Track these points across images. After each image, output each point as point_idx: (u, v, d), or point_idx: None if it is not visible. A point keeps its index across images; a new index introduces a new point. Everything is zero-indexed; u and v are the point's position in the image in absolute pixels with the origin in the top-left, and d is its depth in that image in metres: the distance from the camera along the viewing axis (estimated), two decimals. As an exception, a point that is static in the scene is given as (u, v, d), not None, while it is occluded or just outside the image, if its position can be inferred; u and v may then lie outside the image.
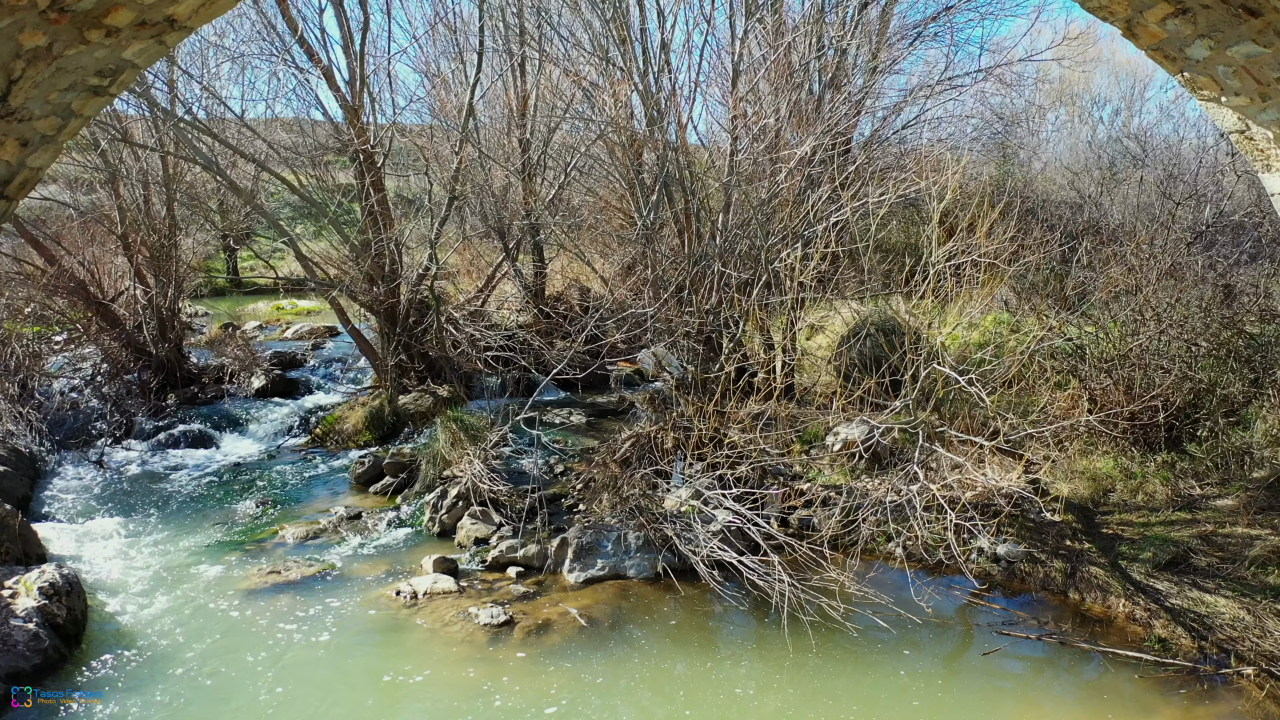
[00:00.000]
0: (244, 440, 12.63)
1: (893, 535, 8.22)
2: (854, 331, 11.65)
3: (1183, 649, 6.46)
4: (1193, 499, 8.30)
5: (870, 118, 15.57)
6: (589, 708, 5.91)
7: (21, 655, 6.04)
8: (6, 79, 3.68)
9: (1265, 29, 4.08)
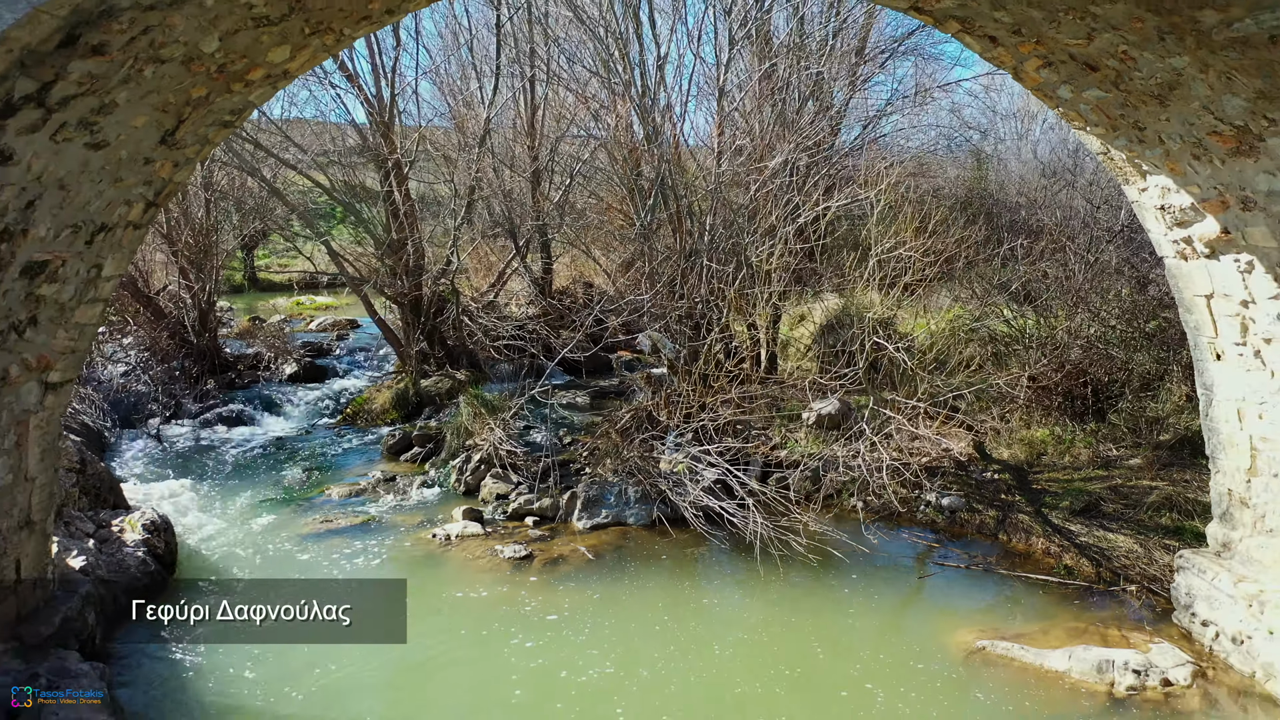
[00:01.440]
0: (282, 419, 14.03)
1: (855, 492, 9.62)
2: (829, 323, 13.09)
3: (1084, 573, 7.86)
4: (1109, 459, 9.72)
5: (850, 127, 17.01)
6: (591, 616, 7.29)
7: (135, 576, 7.43)
8: (176, 119, 5.09)
9: (1104, 80, 5.49)
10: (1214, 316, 6.25)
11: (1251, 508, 6.37)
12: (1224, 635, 6.33)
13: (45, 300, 5.16)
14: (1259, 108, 4.71)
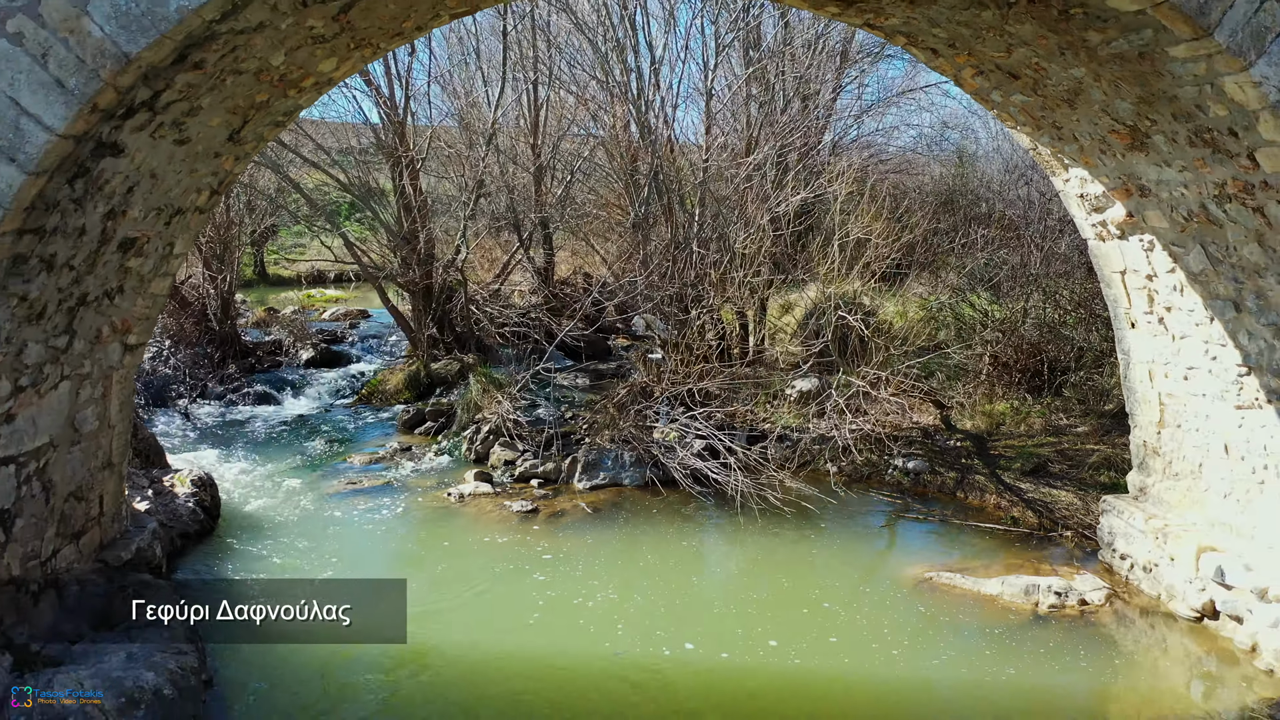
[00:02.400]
0: (302, 399, 15.00)
1: (829, 458, 10.59)
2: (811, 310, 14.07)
3: (1028, 523, 8.85)
4: (1060, 428, 10.71)
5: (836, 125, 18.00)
6: (592, 556, 8.27)
7: (187, 523, 8.41)
8: (242, 120, 6.08)
9: (1025, 86, 6.48)
10: (1127, 290, 7.24)
11: (1161, 456, 7.36)
12: (1137, 565, 7.33)
13: (131, 272, 6.14)
14: (1142, 110, 5.70)
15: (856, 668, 6.26)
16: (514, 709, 5.78)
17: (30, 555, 5.73)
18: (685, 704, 5.90)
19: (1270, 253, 5.54)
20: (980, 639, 6.59)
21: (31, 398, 5.49)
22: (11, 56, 4.22)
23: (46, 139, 4.30)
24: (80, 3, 4.21)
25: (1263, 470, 6.28)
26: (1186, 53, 4.93)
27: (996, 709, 5.79)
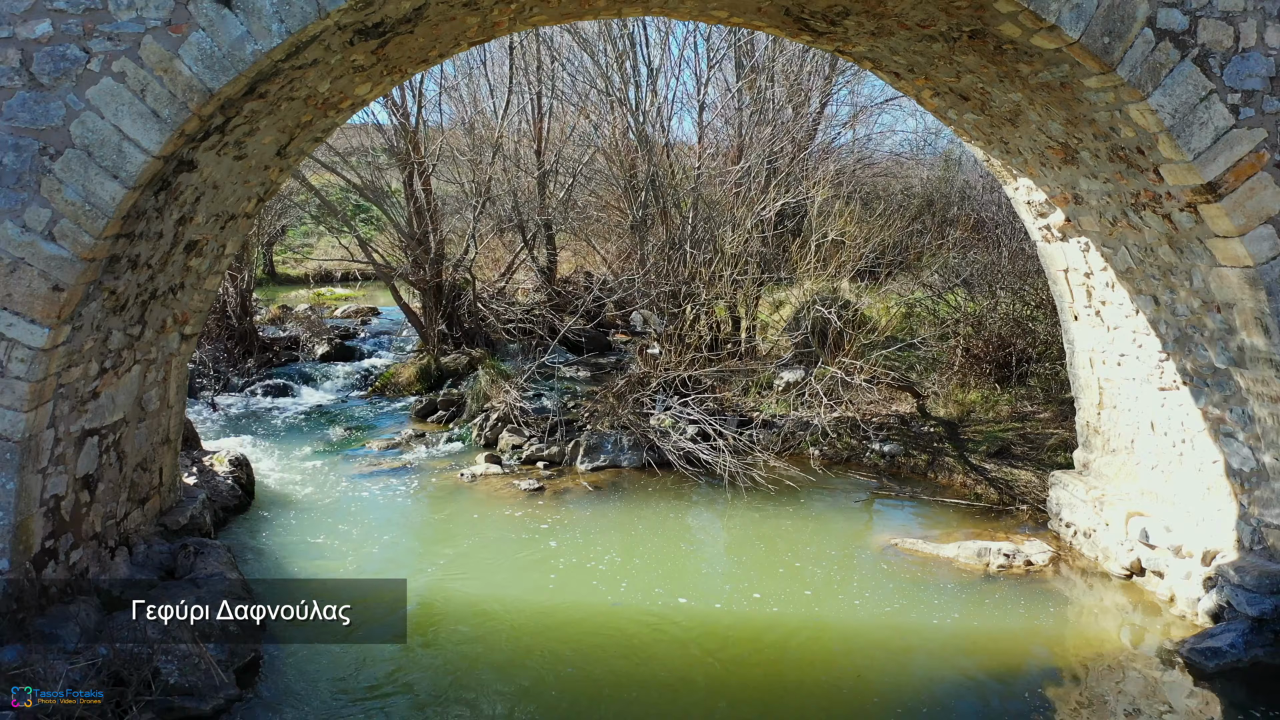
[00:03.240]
0: (319, 391, 15.88)
1: (812, 442, 11.48)
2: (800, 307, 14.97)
3: (990, 498, 9.73)
4: (1025, 414, 11.61)
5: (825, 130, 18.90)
6: (595, 527, 9.16)
7: (226, 499, 9.29)
8: (289, 138, 6.98)
9: (974, 106, 7.37)
10: (1070, 286, 8.14)
11: (1101, 434, 8.26)
12: (1078, 531, 8.22)
13: (192, 270, 7.04)
14: (1070, 130, 6.59)
15: (826, 614, 7.16)
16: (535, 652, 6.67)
17: (108, 515, 6.63)
18: (680, 644, 6.78)
19: (1179, 253, 6.44)
20: (934, 592, 7.48)
21: (111, 379, 6.39)
22: (116, 92, 5.11)
23: (143, 159, 5.18)
24: (173, 46, 5.10)
25: (1181, 444, 7.17)
26: (1098, 84, 5.83)
27: (943, 646, 6.69)
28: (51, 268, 5.20)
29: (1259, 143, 5.72)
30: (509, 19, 7.11)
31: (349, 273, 26.24)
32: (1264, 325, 5.95)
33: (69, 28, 5.06)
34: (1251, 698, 5.86)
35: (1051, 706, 6.05)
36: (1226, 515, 6.67)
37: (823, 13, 6.82)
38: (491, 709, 5.93)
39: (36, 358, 5.28)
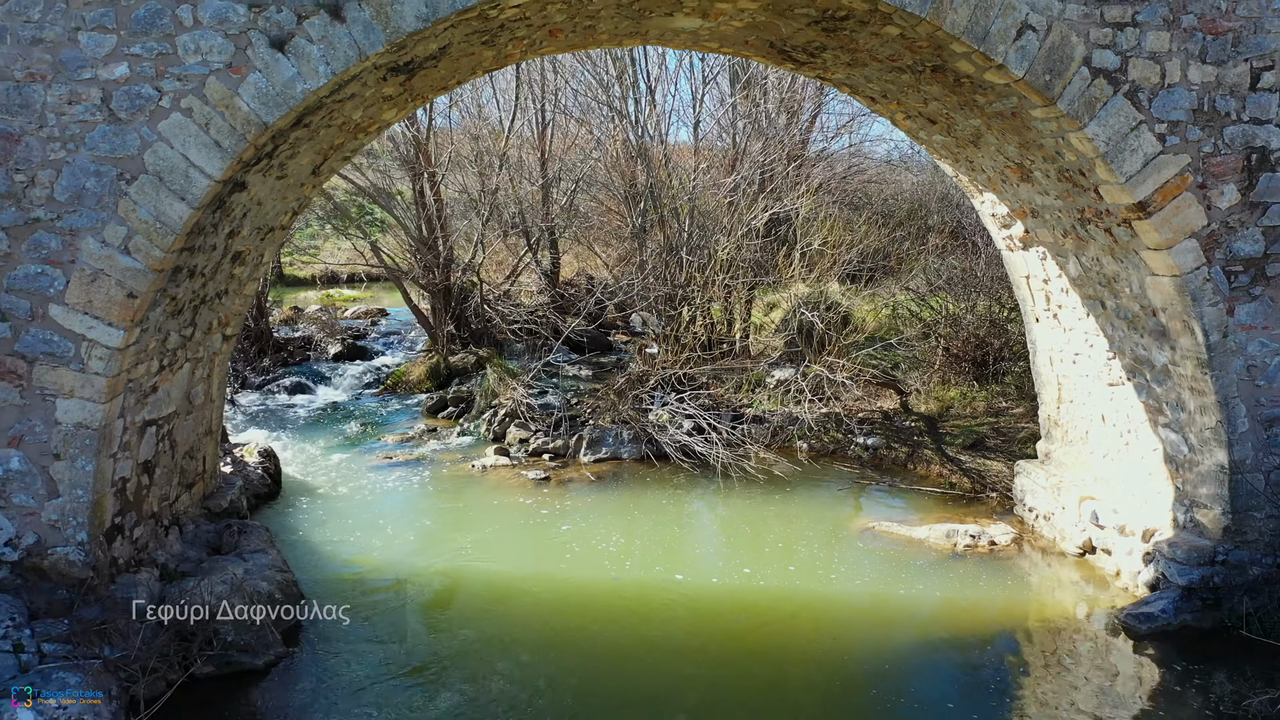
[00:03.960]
0: (333, 389, 16.64)
1: (800, 435, 12.25)
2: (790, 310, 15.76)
3: (963, 487, 10.51)
4: (1000, 410, 12.38)
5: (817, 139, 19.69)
6: (599, 513, 9.93)
7: (257, 487, 10.06)
8: (323, 158, 7.75)
9: (941, 129, 8.15)
10: (1031, 291, 8.91)
11: (1060, 426, 9.03)
12: (1039, 515, 9.00)
13: (235, 277, 7.81)
14: (1023, 152, 7.37)
15: (807, 585, 7.95)
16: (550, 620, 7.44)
17: (163, 498, 7.40)
18: (678, 613, 7.57)
19: (1119, 263, 7.21)
20: (904, 567, 8.26)
21: (167, 375, 7.16)
22: (184, 125, 5.88)
23: (207, 183, 5.96)
24: (233, 86, 5.87)
25: (1127, 434, 7.95)
26: (1042, 114, 6.61)
27: (911, 614, 7.47)
28: (126, 277, 5.98)
29: (1183, 167, 6.50)
30: (520, 51, 7.89)
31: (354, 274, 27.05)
32: (1191, 327, 6.72)
33: (143, 70, 5.83)
34: (1179, 656, 6.63)
35: (1006, 665, 6.82)
36: (1164, 497, 7.45)
37: (803, 47, 7.60)
38: (513, 668, 6.69)
39: (112, 356, 6.06)
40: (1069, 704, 6.23)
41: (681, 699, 6.31)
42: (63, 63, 5.80)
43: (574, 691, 6.38)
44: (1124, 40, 6.37)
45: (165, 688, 5.82)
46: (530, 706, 6.14)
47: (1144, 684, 6.46)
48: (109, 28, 5.79)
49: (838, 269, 12.57)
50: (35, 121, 5.83)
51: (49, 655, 5.62)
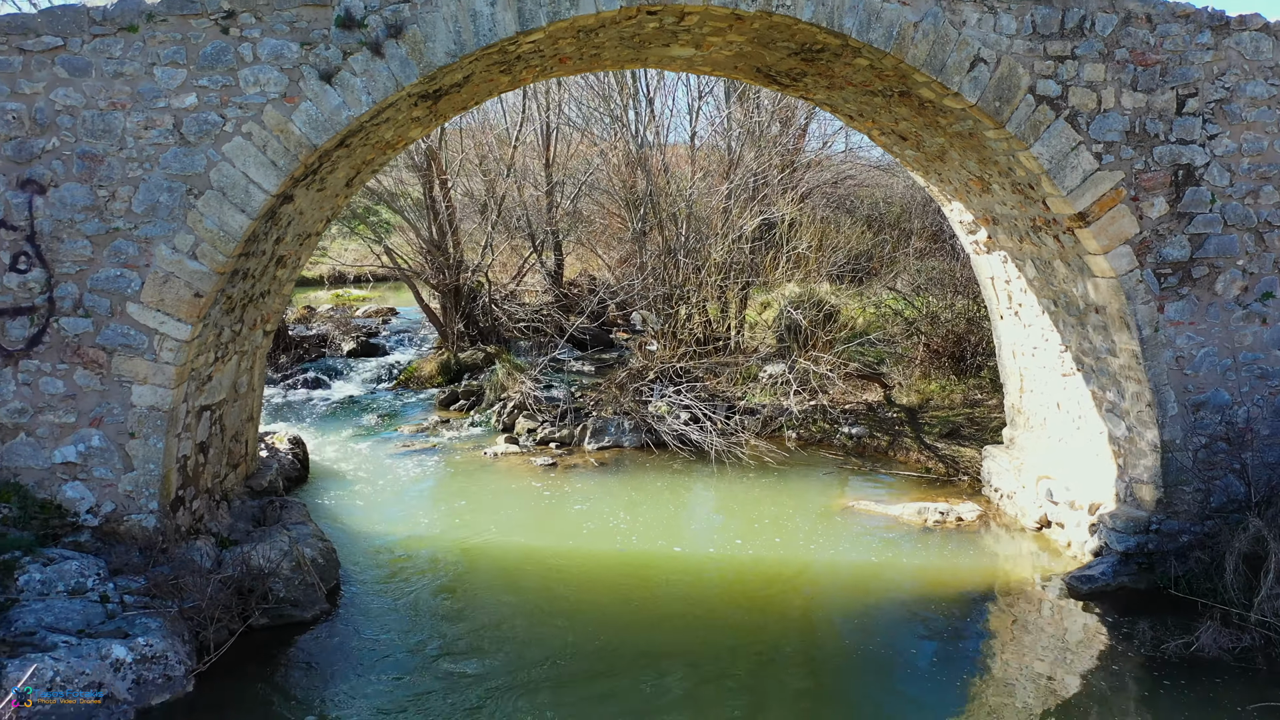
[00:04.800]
0: (349, 384, 17.53)
1: (789, 425, 13.15)
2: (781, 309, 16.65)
3: (938, 471, 11.40)
4: (975, 401, 13.28)
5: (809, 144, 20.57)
6: (601, 495, 10.82)
7: (288, 471, 10.94)
8: (356, 173, 8.64)
9: (912, 145, 9.03)
10: (996, 291, 9.81)
11: (1023, 413, 9.93)
12: (1004, 494, 9.90)
13: (277, 279, 8.70)
14: (982, 168, 8.26)
15: (791, 554, 8.85)
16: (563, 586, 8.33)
17: (215, 475, 8.30)
18: (676, 578, 8.46)
19: (1067, 265, 8.11)
20: (878, 540, 9.17)
21: (220, 366, 8.05)
22: (244, 147, 6.77)
23: (263, 197, 6.85)
24: (287, 113, 6.76)
25: (1078, 420, 8.84)
26: (995, 135, 7.50)
27: (883, 579, 8.36)
28: (194, 279, 6.87)
29: (1118, 182, 7.39)
30: (533, 75, 8.79)
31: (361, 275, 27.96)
32: (1127, 323, 7.61)
33: (209, 99, 6.73)
34: (1113, 611, 7.52)
35: (964, 621, 7.71)
36: (1108, 475, 8.34)
37: (786, 72, 8.50)
38: (527, 628, 7.57)
39: (180, 347, 6.95)
40: (1017, 651, 7.13)
41: (682, 651, 7.17)
42: (140, 93, 6.69)
43: (584, 649, 7.24)
44: (1064, 71, 7.26)
45: (228, 635, 6.71)
46: (544, 662, 7.01)
47: (1080, 634, 7.34)
48: (180, 63, 6.68)
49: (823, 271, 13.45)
50: (116, 144, 6.72)
51: (130, 605, 6.51)
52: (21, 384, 6.89)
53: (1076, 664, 6.91)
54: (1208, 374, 7.66)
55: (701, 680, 6.79)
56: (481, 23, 6.75)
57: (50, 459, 6.94)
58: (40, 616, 6.10)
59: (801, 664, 7.16)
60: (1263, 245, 7.62)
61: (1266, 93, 7.47)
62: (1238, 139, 7.49)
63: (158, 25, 6.64)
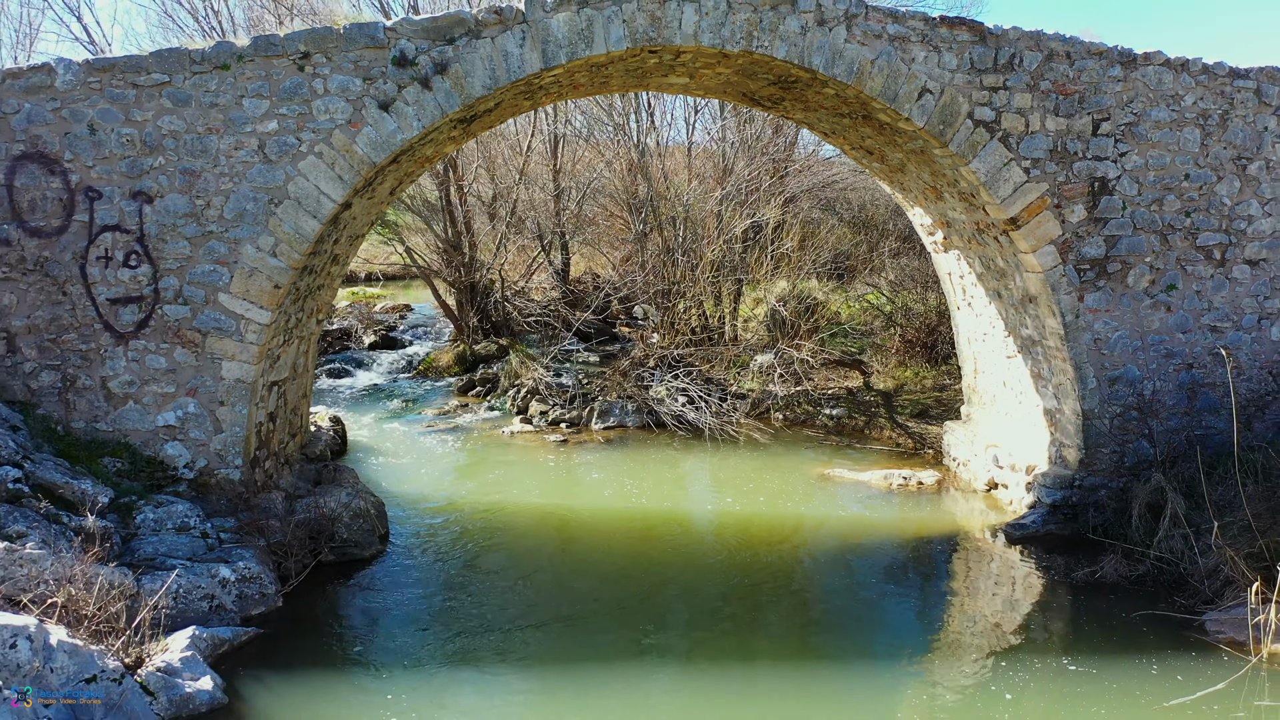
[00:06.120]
0: (372, 374, 18.96)
1: (774, 408, 14.58)
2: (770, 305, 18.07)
3: (907, 446, 12.84)
4: (945, 385, 14.71)
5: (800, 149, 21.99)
6: (608, 467, 12.26)
7: (331, 445, 12.37)
8: (399, 183, 10.05)
9: (878, 158, 10.47)
10: (953, 285, 11.23)
11: (977, 392, 11.36)
12: (960, 463, 11.33)
13: (331, 274, 10.12)
14: (934, 179, 9.69)
15: (775, 511, 10.30)
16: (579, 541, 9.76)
17: (280, 442, 9.73)
18: (676, 532, 9.89)
19: (1006, 263, 9.53)
20: (848, 499, 10.60)
21: (285, 348, 9.47)
22: (316, 165, 8.19)
23: (331, 205, 8.27)
24: (352, 136, 8.18)
25: (1020, 395, 10.27)
26: (941, 153, 8.93)
27: (850, 529, 9.79)
28: (274, 273, 8.29)
29: (1043, 192, 8.81)
30: (550, 99, 10.22)
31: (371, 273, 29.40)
32: (1053, 310, 9.04)
33: (288, 125, 8.15)
34: (1038, 552, 8.94)
35: (920, 562, 9.13)
36: (1042, 441, 9.77)
37: (767, 97, 9.93)
38: (547, 575, 8.98)
39: (262, 330, 8.37)
40: (962, 581, 8.57)
41: (681, 588, 8.61)
42: (231, 120, 8.12)
43: (595, 583, 8.65)
44: (998, 99, 8.69)
45: (303, 567, 8.13)
46: (561, 591, 8.43)
47: (1012, 569, 8.76)
48: (264, 95, 8.10)
49: (806, 269, 14.91)
50: (211, 162, 8.15)
51: (225, 541, 7.94)
52: (131, 360, 8.31)
53: (1007, 590, 8.35)
54: (1121, 353, 9.09)
55: (698, 610, 8.23)
56: (512, 61, 8.18)
57: (154, 422, 8.36)
58: (156, 547, 7.51)
59: (783, 597, 8.58)
60: (1167, 245, 9.04)
61: (1168, 117, 8.90)
62: (1144, 156, 8.92)
63: (246, 64, 8.06)
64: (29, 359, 8.27)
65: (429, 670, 6.79)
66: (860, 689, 6.57)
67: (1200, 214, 9.07)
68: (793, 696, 6.44)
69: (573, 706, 6.38)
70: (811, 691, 6.54)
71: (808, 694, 6.49)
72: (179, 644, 6.21)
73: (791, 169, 20.23)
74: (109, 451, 8.23)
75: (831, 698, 6.47)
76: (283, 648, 6.99)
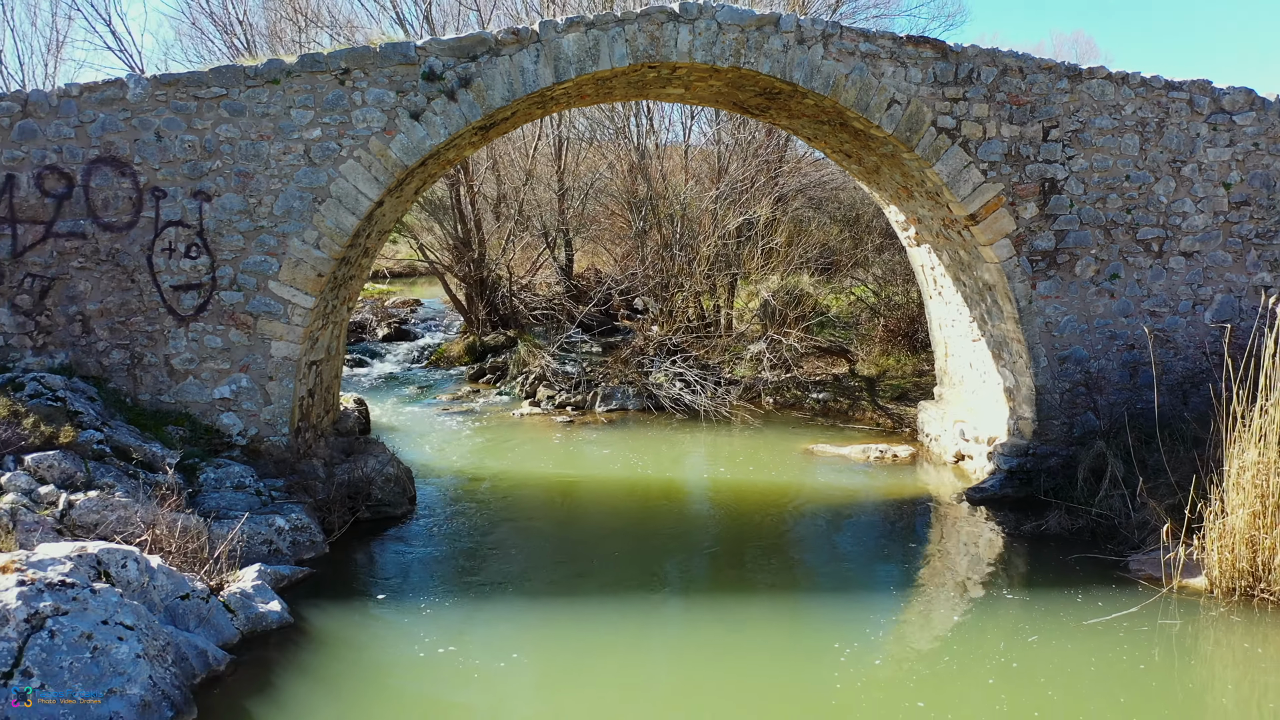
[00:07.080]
0: (386, 364, 20.06)
1: (765, 392, 15.68)
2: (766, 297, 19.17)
3: (886, 426, 13.95)
4: (923, 371, 15.81)
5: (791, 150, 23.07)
6: (612, 444, 13.35)
7: (357, 423, 13.47)
8: (423, 183, 11.17)
9: (856, 161, 11.58)
10: (925, 277, 12.33)
11: (948, 374, 12.46)
12: (932, 438, 12.43)
13: (362, 266, 11.21)
14: (905, 180, 10.78)
15: (762, 480, 11.41)
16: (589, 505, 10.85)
17: (318, 416, 10.82)
18: (675, 496, 10.99)
19: (969, 254, 10.63)
20: (829, 471, 11.71)
21: (323, 331, 10.57)
22: (355, 168, 9.28)
23: (368, 203, 9.36)
24: (386, 142, 9.27)
25: (984, 375, 11.36)
26: (909, 157, 10.03)
27: (830, 494, 10.89)
28: (317, 263, 9.39)
29: (999, 191, 9.90)
30: (559, 108, 11.31)
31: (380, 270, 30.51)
32: (1010, 297, 10.13)
33: (330, 132, 9.24)
34: (994, 512, 10.03)
35: (892, 522, 10.23)
36: (1002, 415, 10.87)
37: (755, 105, 11.02)
38: (560, 523, 10.09)
39: (306, 314, 9.47)
40: (929, 537, 9.67)
41: (678, 541, 9.70)
42: (280, 128, 9.21)
43: (602, 536, 9.75)
44: (958, 109, 9.78)
45: (344, 523, 9.23)
46: (571, 544, 9.53)
47: (970, 526, 9.86)
48: (309, 106, 9.20)
49: (795, 263, 16.04)
50: (262, 165, 9.24)
51: (275, 499, 9.03)
52: (191, 340, 9.40)
53: (966, 542, 9.45)
54: (1070, 335, 10.18)
55: (692, 558, 9.33)
56: (527, 76, 9.27)
57: (211, 395, 9.46)
58: (218, 501, 8.61)
59: (768, 549, 9.67)
60: (1110, 239, 10.14)
61: (1110, 124, 9.99)
62: (1089, 159, 10.01)
63: (294, 79, 9.16)
64: (102, 339, 9.37)
65: (454, 605, 7.87)
66: (839, 623, 7.64)
67: (1140, 211, 10.16)
68: (781, 625, 7.53)
69: (580, 639, 7.46)
70: (797, 624, 7.63)
71: (793, 626, 7.59)
72: (249, 575, 7.31)
73: (783, 170, 21.33)
74: (172, 420, 9.32)
75: (814, 628, 7.55)
76: (332, 584, 8.09)
